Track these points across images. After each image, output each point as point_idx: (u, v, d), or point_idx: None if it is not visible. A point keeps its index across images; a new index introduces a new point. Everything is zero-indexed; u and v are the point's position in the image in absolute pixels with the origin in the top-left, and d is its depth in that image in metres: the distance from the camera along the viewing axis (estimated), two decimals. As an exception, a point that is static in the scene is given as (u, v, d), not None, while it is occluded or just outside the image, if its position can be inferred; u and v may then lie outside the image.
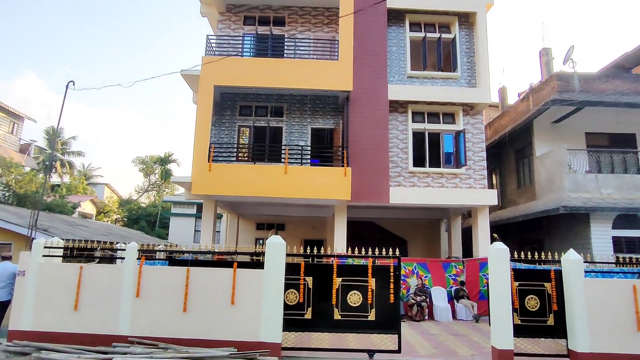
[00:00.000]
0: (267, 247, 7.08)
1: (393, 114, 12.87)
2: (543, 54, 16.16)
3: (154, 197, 40.92)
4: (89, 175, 41.02)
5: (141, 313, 7.00)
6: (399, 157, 12.65)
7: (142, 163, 40.92)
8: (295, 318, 7.19)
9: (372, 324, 7.19)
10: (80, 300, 7.08)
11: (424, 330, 9.68)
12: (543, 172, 13.95)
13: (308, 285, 7.28)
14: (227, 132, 13.12)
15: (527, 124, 14.68)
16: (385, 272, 7.33)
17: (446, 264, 12.41)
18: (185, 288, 6.99)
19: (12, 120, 24.80)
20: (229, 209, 15.52)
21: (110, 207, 36.64)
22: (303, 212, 15.27)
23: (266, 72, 11.92)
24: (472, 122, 13.05)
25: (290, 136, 13.10)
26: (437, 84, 13.09)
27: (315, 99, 13.37)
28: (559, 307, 7.21)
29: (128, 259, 7.20)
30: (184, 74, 12.24)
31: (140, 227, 30.58)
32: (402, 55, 13.21)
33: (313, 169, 11.70)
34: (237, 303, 6.93)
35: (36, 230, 9.10)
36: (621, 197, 12.37)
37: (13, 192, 20.86)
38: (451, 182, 12.64)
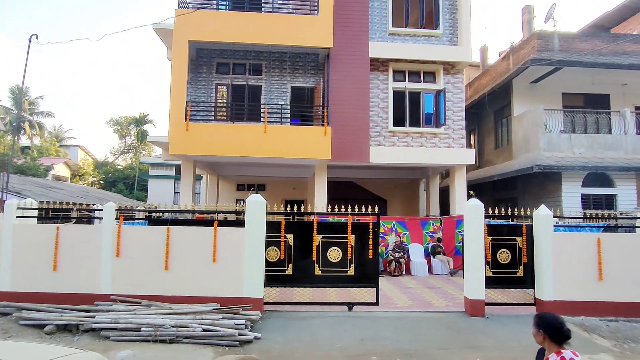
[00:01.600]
0: (247, 206, 7.10)
1: (374, 73, 12.68)
2: (525, 11, 16.00)
3: (130, 159, 40.07)
4: (61, 137, 39.67)
5: (122, 272, 7.02)
6: (380, 117, 12.61)
7: (117, 124, 39.73)
8: (277, 274, 7.35)
9: (351, 278, 7.42)
10: (59, 260, 7.02)
11: (401, 284, 10.07)
12: (520, 132, 14.19)
13: (289, 243, 7.40)
14: (204, 91, 12.74)
15: (507, 84, 14.74)
16: (365, 229, 7.49)
17: (424, 222, 12.76)
18: (166, 247, 7.00)
19: (-27, 77, 23.34)
20: (208, 169, 15.36)
21: (85, 170, 35.78)
22: (284, 172, 15.26)
23: (243, 27, 11.46)
24: (452, 81, 13.01)
25: (270, 95, 12.82)
26: (419, 41, 12.88)
27: (295, 57, 13.01)
28: (528, 259, 7.58)
29: (106, 219, 7.11)
30: (156, 28, 11.64)
31: (117, 190, 30.09)
32: (384, 10, 12.85)
33: (293, 128, 11.57)
34: (218, 260, 7.00)
35: (7, 193, 8.83)
36: (592, 156, 12.77)
37: (-20, 154, 20.05)
38: (430, 141, 12.75)
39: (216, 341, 5.88)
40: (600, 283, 7.39)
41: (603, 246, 7.45)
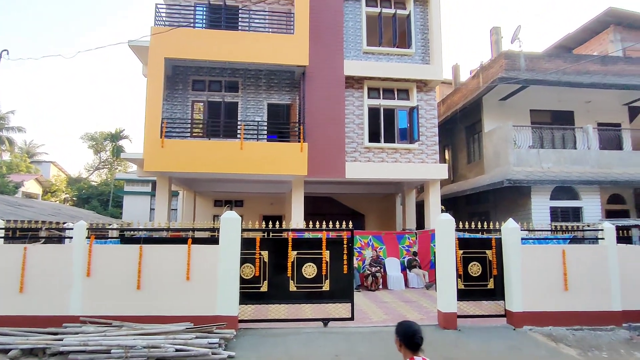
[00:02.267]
0: (221, 223, 7.11)
1: (349, 90, 12.96)
2: (493, 32, 16.72)
3: (105, 175, 39.25)
4: (32, 152, 38.62)
5: (93, 292, 6.87)
6: (355, 133, 12.84)
7: (92, 139, 38.94)
8: (252, 291, 7.34)
9: (326, 294, 7.47)
10: (25, 282, 6.82)
11: (377, 299, 10.15)
12: (491, 147, 14.67)
13: (264, 259, 7.41)
14: (180, 107, 12.73)
15: (477, 101, 15.29)
16: (339, 245, 7.59)
17: (400, 236, 12.95)
18: (138, 266, 6.90)
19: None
20: (184, 186, 15.23)
21: (57, 187, 34.81)
22: (261, 188, 15.27)
23: (220, 45, 11.58)
24: (425, 98, 13.40)
25: (246, 112, 12.91)
26: (393, 60, 13.26)
27: (271, 74, 13.19)
28: (498, 271, 7.80)
29: (76, 238, 6.98)
30: (132, 45, 11.64)
31: (91, 207, 29.37)
32: (359, 30, 13.21)
33: (269, 145, 11.66)
34: (192, 278, 6.95)
35: (-27, 211, 8.56)
36: (559, 171, 13.30)
37: (-55, 172, 19.33)
38: (405, 157, 13.03)
39: (189, 361, 5.82)
40: (566, 293, 7.66)
41: (568, 257, 7.75)
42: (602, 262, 7.87)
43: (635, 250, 8.51)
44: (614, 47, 16.50)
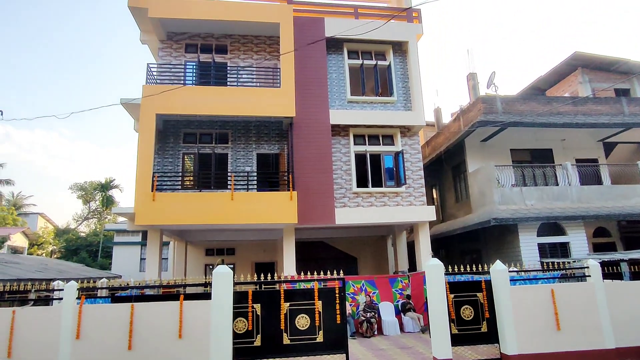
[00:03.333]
0: (213, 278, 7.14)
1: (335, 137, 13.40)
2: (470, 78, 17.62)
3: (94, 225, 38.83)
4: (20, 204, 38.23)
5: (82, 356, 6.74)
6: (343, 179, 13.15)
7: (81, 190, 38.89)
8: (245, 346, 7.26)
9: (320, 345, 7.41)
10: (13, 348, 6.70)
11: (373, 346, 10.02)
12: (476, 187, 15.07)
13: (256, 313, 7.40)
14: (171, 160, 12.99)
15: (460, 143, 15.85)
16: (331, 294, 7.62)
17: (392, 279, 12.95)
18: (129, 325, 6.84)
19: None
20: (176, 236, 15.22)
21: (44, 239, 34.27)
22: (253, 235, 15.31)
23: (209, 100, 12.04)
24: (409, 142, 13.88)
25: (236, 162, 13.21)
26: (376, 108, 13.84)
27: (260, 125, 13.63)
28: (490, 314, 7.86)
29: (66, 300, 6.94)
30: (124, 103, 12.03)
31: (80, 259, 28.86)
32: (342, 81, 13.86)
33: (259, 195, 11.87)
34: (184, 336, 6.88)
35: (-39, 275, 8.47)
36: (543, 207, 13.65)
37: None
38: (393, 200, 13.30)
39: None
40: (559, 333, 7.71)
41: (557, 297, 7.87)
42: (591, 299, 7.99)
43: (623, 286, 8.66)
44: (582, 88, 17.46)
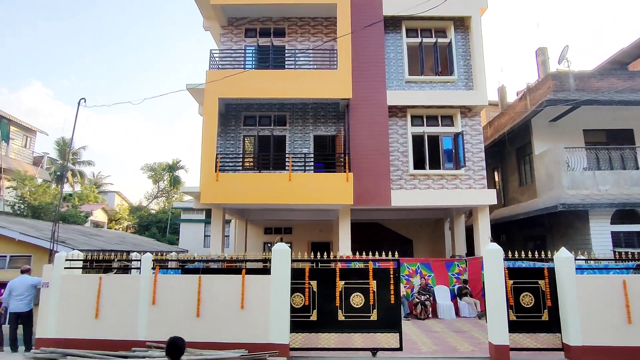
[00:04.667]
0: (272, 254, 7.52)
1: (393, 119, 13.24)
2: (539, 53, 16.42)
3: (163, 204, 41.68)
4: (100, 183, 41.87)
5: (157, 319, 7.48)
6: (400, 161, 13.03)
7: (151, 170, 41.72)
8: (302, 320, 7.62)
9: (374, 323, 7.59)
10: (100, 308, 7.58)
11: (427, 328, 10.05)
12: (542, 170, 14.23)
13: (313, 289, 7.71)
14: (232, 142, 13.60)
15: (526, 123, 14.95)
16: (385, 274, 7.73)
17: (449, 263, 12.76)
18: (197, 295, 7.45)
19: (25, 134, 25.56)
20: (237, 215, 16.02)
21: (121, 215, 37.42)
22: (309, 216, 15.72)
23: (268, 84, 12.38)
24: (470, 123, 13.38)
25: (294, 144, 13.54)
26: (435, 87, 13.44)
27: (317, 107, 13.80)
28: (553, 303, 7.55)
29: (144, 269, 7.68)
30: (189, 89, 12.73)
31: (151, 234, 31.27)
32: (400, 61, 13.58)
33: (316, 176, 12.13)
34: (246, 307, 7.37)
35: (56, 244, 9.63)
36: (619, 193, 12.62)
37: (28, 204, 21.57)
38: (451, 183, 12.98)
39: (244, 387, 6.15)
40: (630, 327, 7.24)
41: (629, 288, 7.37)
42: (670, 293, 7.39)
43: None
44: (674, 61, 15.59)
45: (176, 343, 3.91)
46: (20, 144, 25.16)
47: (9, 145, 23.84)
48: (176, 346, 3.89)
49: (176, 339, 3.94)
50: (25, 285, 8.32)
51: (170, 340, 3.94)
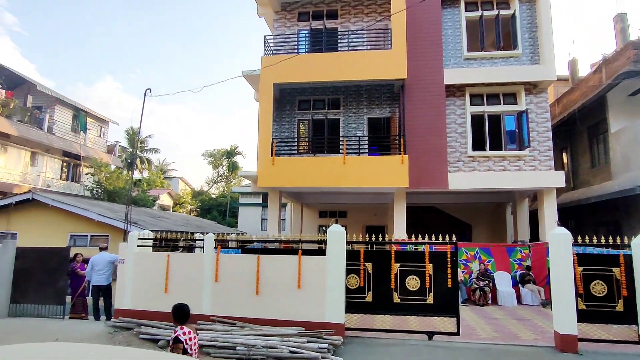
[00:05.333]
0: (328, 236, 7.62)
1: (450, 99, 12.73)
2: (617, 20, 14.85)
3: (222, 188, 43.53)
4: (165, 169, 44.49)
5: (220, 295, 7.92)
6: (458, 142, 12.54)
7: (211, 156, 43.61)
8: (357, 301, 7.70)
9: (430, 307, 7.49)
10: (169, 283, 8.16)
11: (486, 314, 9.74)
12: (619, 150, 13.03)
13: (368, 271, 7.74)
14: (287, 127, 13.83)
15: (600, 99, 13.72)
16: (442, 258, 7.57)
17: (511, 249, 12.19)
18: (256, 273, 7.77)
19: (99, 124, 27.72)
20: (292, 198, 16.37)
21: (184, 199, 39.65)
22: (364, 199, 15.69)
23: (322, 67, 12.37)
24: (535, 101, 12.52)
25: (348, 127, 13.49)
26: (497, 63, 12.70)
27: (371, 89, 13.60)
28: (629, 292, 6.99)
29: (207, 248, 8.13)
30: (245, 75, 13.06)
31: (212, 217, 32.89)
32: (458, 37, 12.94)
33: (370, 159, 12.03)
34: (303, 287, 7.57)
35: (130, 224, 10.46)
36: None
37: (104, 189, 23.53)
38: (514, 164, 12.31)
39: (302, 363, 6.37)
40: None
41: None
42: None
43: None
44: None
45: (182, 309, 4.44)
46: (95, 133, 27.36)
47: (87, 135, 26.00)
48: (182, 312, 4.43)
49: (182, 305, 4.47)
50: (105, 261, 9.17)
51: (176, 306, 4.46)
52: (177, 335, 4.14)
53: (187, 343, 4.13)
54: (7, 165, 21.51)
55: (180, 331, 4.18)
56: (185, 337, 4.13)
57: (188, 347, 4.16)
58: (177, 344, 4.10)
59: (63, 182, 24.88)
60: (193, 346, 4.24)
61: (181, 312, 4.42)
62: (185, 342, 4.11)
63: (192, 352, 4.21)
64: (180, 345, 4.09)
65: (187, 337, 4.14)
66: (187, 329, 4.25)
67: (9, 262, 9.21)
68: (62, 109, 24.61)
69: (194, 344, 4.25)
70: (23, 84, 23.91)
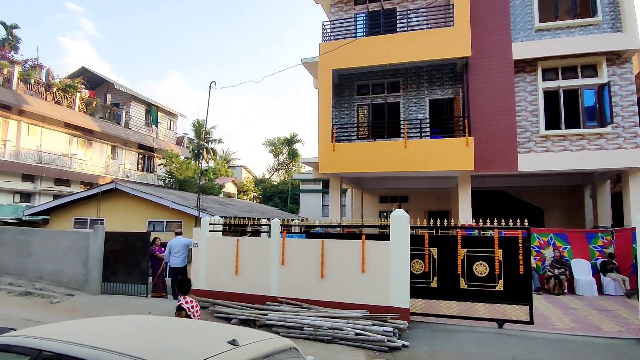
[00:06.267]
0: (391, 221, 7.57)
1: (519, 75, 11.92)
2: None
3: (283, 176, 44.62)
4: (229, 159, 46.44)
5: (286, 278, 8.21)
6: (528, 121, 11.76)
7: (271, 145, 44.80)
8: (422, 286, 7.62)
9: (500, 294, 7.22)
10: (239, 266, 8.61)
11: (562, 304, 9.19)
12: None
13: (433, 256, 7.61)
14: (346, 112, 13.80)
15: (700, 66, 12.12)
16: (513, 243, 7.23)
17: (590, 235, 11.31)
18: (321, 257, 7.95)
19: (169, 118, 29.55)
20: (353, 184, 16.39)
21: (247, 187, 41.22)
22: (425, 184, 15.32)
23: (381, 50, 12.12)
24: (618, 72, 11.35)
25: (408, 110, 13.17)
26: (573, 33, 11.65)
27: (432, 70, 13.12)
28: None
29: (273, 233, 8.45)
30: (304, 63, 13.17)
31: (274, 204, 33.91)
32: (528, 7, 12.02)
33: (433, 142, 11.68)
34: (367, 271, 7.62)
35: (201, 211, 11.12)
36: None
37: (175, 178, 25.16)
38: (594, 143, 11.31)
39: (367, 345, 6.46)
40: None
41: None
42: None
43: None
44: None
45: (185, 282, 5.17)
46: (166, 126, 29.21)
47: (158, 129, 27.85)
48: (185, 284, 5.14)
49: (185, 279, 5.31)
50: (180, 245, 9.86)
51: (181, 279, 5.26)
52: (180, 303, 4.83)
53: (189, 310, 4.80)
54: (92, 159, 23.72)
55: (183, 300, 4.85)
56: (187, 305, 4.80)
57: (191, 313, 4.82)
58: (180, 311, 4.78)
59: (139, 172, 26.96)
60: (195, 313, 4.90)
61: (184, 284, 5.12)
62: (188, 310, 4.78)
63: (195, 317, 4.86)
64: (183, 312, 4.75)
65: (190, 306, 4.82)
66: (189, 298, 4.92)
67: (100, 245, 10.23)
68: (136, 105, 26.54)
69: (196, 311, 4.92)
70: (102, 84, 26.08)
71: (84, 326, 3.00)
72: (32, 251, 11.33)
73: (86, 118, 22.57)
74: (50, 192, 20.81)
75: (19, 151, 19.36)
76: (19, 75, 19.52)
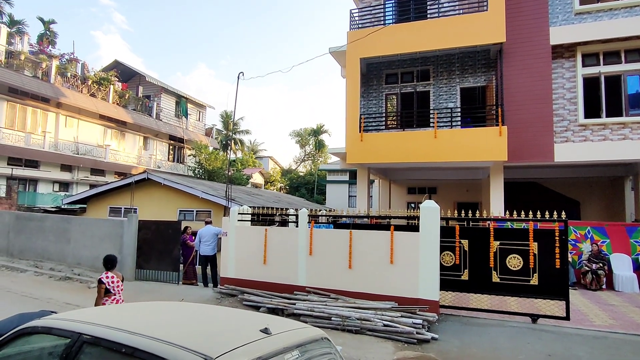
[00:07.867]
0: (421, 211, 7.43)
1: (557, 61, 11.39)
2: None
3: (310, 166, 44.72)
4: (256, 150, 46.90)
5: (314, 268, 8.23)
6: (566, 109, 11.25)
7: (298, 135, 44.89)
8: (452, 279, 7.48)
9: (534, 288, 7.00)
10: (267, 256, 8.69)
11: (600, 300, 8.83)
12: None
13: (464, 248, 7.44)
14: (375, 102, 13.60)
15: None
16: (549, 236, 6.97)
17: (631, 228, 10.78)
18: (349, 248, 7.91)
19: (198, 109, 30.06)
20: (380, 175, 16.22)
21: (274, 177, 41.57)
22: (455, 175, 14.98)
23: (410, 37, 11.84)
24: (667, 56, 10.66)
25: (438, 99, 12.84)
26: (616, 15, 10.99)
27: (464, 57, 12.71)
28: None
29: (301, 223, 8.46)
30: (332, 52, 13.03)
31: (300, 194, 34.08)
32: (568, -11, 11.42)
33: (463, 131, 11.37)
34: (395, 262, 7.53)
35: (231, 201, 11.28)
36: None
37: (204, 169, 25.65)
38: (637, 132, 10.71)
39: (395, 337, 6.41)
40: None
41: None
42: None
43: None
44: None
45: (109, 258, 5.50)
46: (195, 118, 29.75)
47: (188, 120, 28.38)
48: (109, 260, 5.49)
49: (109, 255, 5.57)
50: (210, 233, 10.05)
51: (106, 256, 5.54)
52: (100, 277, 5.34)
53: (109, 285, 5.29)
54: (125, 150, 24.46)
55: (104, 275, 5.35)
56: (107, 279, 5.30)
57: (111, 287, 5.31)
58: (100, 284, 5.29)
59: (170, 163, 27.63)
60: (116, 287, 5.36)
61: (108, 260, 5.50)
62: (107, 284, 5.28)
63: (115, 291, 5.36)
64: (103, 285, 5.27)
65: (110, 280, 5.31)
66: (111, 274, 5.39)
67: (134, 233, 10.56)
68: (167, 97, 27.11)
69: (117, 286, 5.38)
70: (134, 76, 26.75)
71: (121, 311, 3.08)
72: (71, 238, 11.84)
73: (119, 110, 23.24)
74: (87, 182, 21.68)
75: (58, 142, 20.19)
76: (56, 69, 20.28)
